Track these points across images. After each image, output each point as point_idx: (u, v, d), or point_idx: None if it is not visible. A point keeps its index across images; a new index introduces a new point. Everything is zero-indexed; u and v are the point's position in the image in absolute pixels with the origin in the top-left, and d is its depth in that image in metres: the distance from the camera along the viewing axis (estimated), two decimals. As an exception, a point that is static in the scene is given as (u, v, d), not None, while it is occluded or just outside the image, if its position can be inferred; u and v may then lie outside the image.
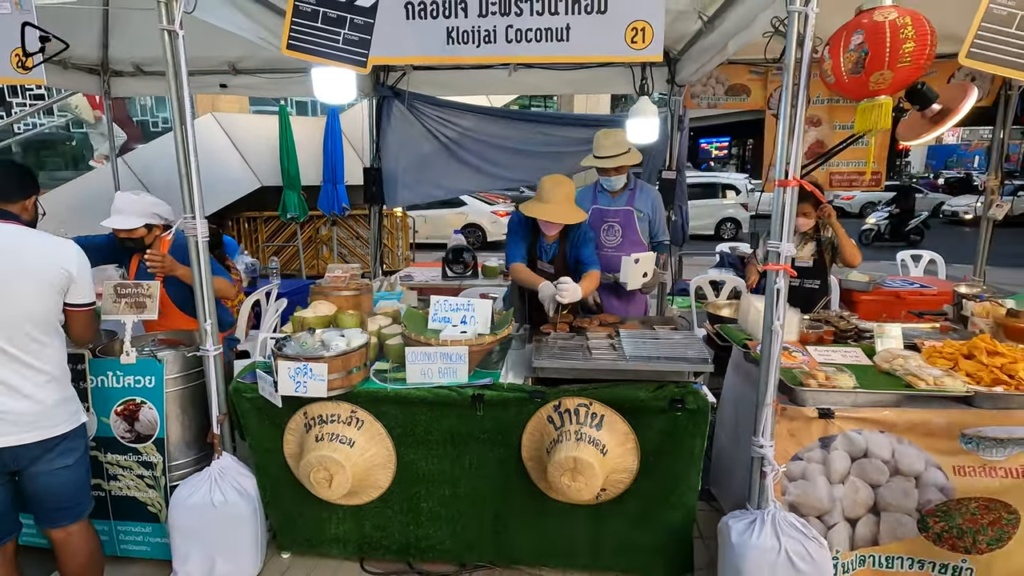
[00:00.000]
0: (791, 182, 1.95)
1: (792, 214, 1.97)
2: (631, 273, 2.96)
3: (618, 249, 3.31)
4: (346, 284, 3.09)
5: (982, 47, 1.80)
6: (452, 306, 2.54)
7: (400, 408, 2.29)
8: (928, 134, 1.87)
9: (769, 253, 2.02)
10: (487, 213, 12.98)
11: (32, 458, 1.86)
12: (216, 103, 11.72)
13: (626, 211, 3.30)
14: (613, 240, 3.33)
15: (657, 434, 2.21)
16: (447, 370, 2.30)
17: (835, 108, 3.85)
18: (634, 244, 3.30)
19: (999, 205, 3.91)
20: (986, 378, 2.11)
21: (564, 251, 3.04)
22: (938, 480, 2.09)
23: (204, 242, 2.28)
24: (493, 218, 12.95)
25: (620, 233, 3.32)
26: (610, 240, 3.34)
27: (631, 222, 3.30)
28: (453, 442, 2.32)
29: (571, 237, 3.02)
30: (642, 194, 3.34)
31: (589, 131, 4.48)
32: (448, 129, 4.52)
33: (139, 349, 2.42)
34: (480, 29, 1.96)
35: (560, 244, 3.05)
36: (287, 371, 2.17)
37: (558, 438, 2.15)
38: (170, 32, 2.10)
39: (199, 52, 4.12)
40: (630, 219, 3.30)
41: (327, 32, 2.00)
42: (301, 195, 6.75)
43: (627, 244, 3.30)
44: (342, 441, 2.25)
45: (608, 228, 3.34)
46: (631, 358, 2.19)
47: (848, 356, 2.41)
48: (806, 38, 1.85)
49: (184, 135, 2.17)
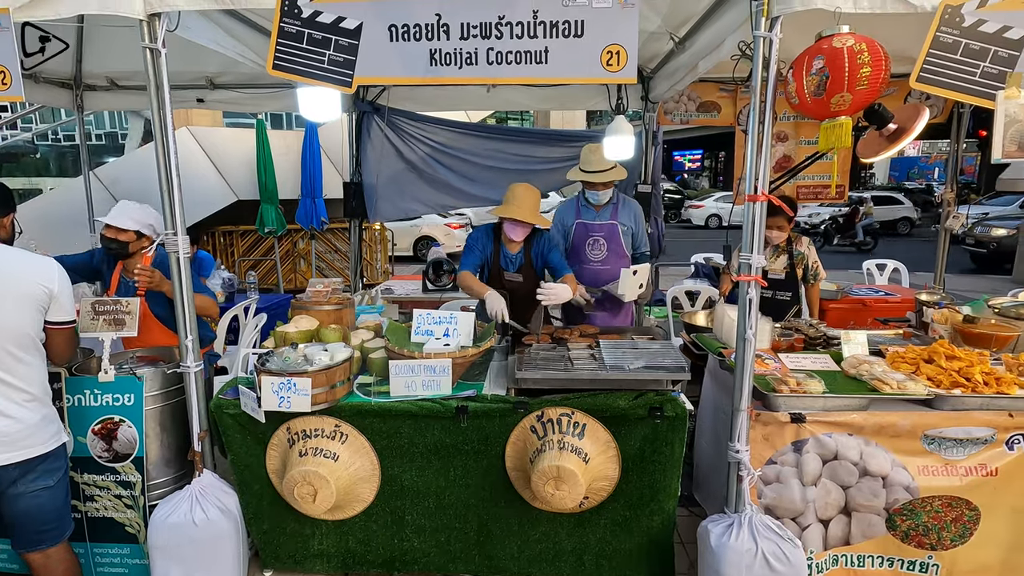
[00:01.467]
0: (760, 197, 2.04)
1: (762, 227, 2.06)
2: (628, 284, 3.00)
3: (604, 263, 3.37)
4: (327, 298, 3.11)
5: (931, 71, 1.93)
6: (435, 319, 2.58)
7: (384, 421, 2.31)
8: (885, 152, 1.99)
9: (741, 264, 2.11)
10: (440, 225, 13.14)
11: (12, 479, 1.83)
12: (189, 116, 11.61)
13: (611, 225, 3.36)
14: (598, 254, 3.38)
15: (638, 442, 2.26)
16: (431, 383, 2.33)
17: (801, 124, 4.03)
18: (619, 257, 3.37)
19: (955, 216, 4.11)
20: (945, 381, 2.22)
21: (530, 260, 3.10)
22: (904, 480, 2.19)
23: (186, 258, 2.28)
24: (447, 230, 13.11)
25: (605, 247, 3.37)
26: (595, 254, 3.39)
27: (616, 236, 3.36)
28: (437, 454, 2.34)
29: (536, 245, 3.09)
30: (625, 208, 3.41)
31: (569, 147, 4.60)
32: (427, 144, 4.58)
33: (118, 367, 2.39)
34: (462, 51, 2.02)
35: (525, 254, 3.11)
36: (270, 386, 2.17)
37: (541, 447, 2.20)
38: (152, 50, 2.12)
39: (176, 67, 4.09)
40: (615, 233, 3.36)
41: (312, 53, 2.04)
42: (279, 209, 6.72)
43: (612, 258, 3.36)
44: (326, 455, 2.26)
45: (593, 243, 3.39)
46: (611, 367, 2.25)
47: (817, 362, 2.51)
48: (771, 61, 1.95)
49: (166, 152, 2.17)
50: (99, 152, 21.27)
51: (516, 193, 2.95)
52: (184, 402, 2.36)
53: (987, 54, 1.89)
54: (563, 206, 3.55)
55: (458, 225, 13.16)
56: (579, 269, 3.37)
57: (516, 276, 3.11)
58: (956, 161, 4.07)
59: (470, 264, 3.03)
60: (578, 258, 3.43)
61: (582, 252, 3.42)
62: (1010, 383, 2.18)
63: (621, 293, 3.02)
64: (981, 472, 2.17)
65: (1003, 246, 10.47)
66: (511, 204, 2.94)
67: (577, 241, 3.43)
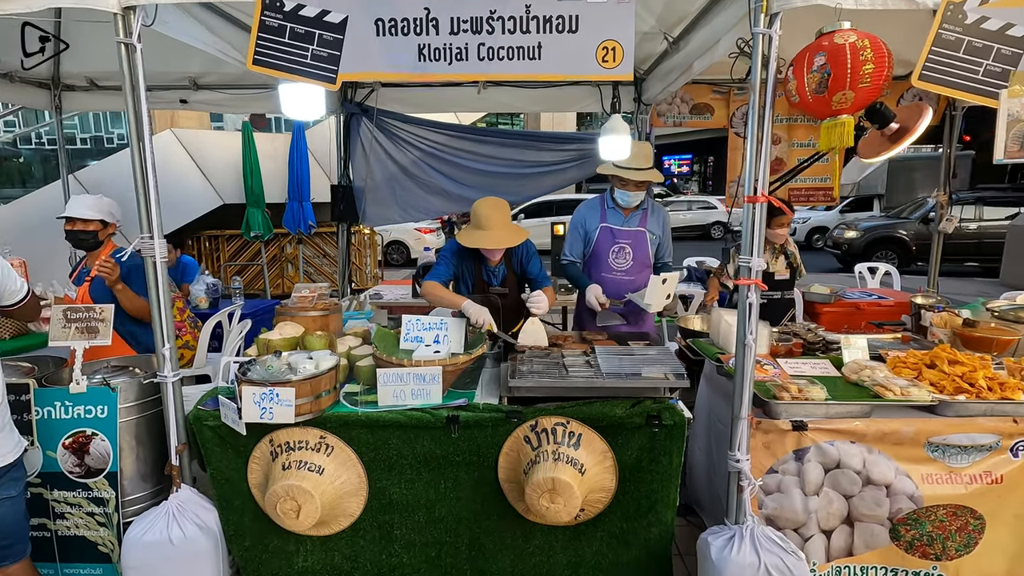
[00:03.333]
0: (760, 198, 1.98)
1: (761, 229, 2.00)
2: (656, 294, 2.77)
3: (628, 273, 3.15)
4: (313, 304, 3.02)
5: (933, 70, 1.89)
6: (424, 325, 2.49)
7: (371, 432, 2.22)
8: (887, 152, 1.94)
9: (740, 267, 2.05)
10: (410, 230, 12.82)
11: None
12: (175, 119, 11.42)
13: (639, 232, 3.13)
14: (623, 263, 3.14)
15: (635, 451, 2.19)
16: (420, 391, 2.24)
17: (794, 127, 4.01)
18: (644, 267, 3.17)
19: (949, 219, 4.10)
20: (949, 387, 2.17)
21: (512, 269, 2.97)
22: (908, 488, 2.13)
23: (163, 263, 2.17)
24: (416, 235, 12.80)
25: (631, 255, 3.12)
26: (619, 263, 3.15)
27: (643, 244, 3.12)
28: (427, 465, 2.25)
29: (516, 255, 2.93)
30: (654, 214, 3.16)
31: (561, 151, 4.53)
32: (417, 147, 4.49)
33: (90, 377, 2.28)
34: (452, 47, 1.95)
35: (507, 265, 2.95)
36: (252, 397, 2.07)
37: (535, 458, 2.11)
38: (127, 45, 2.02)
39: (158, 67, 4.01)
40: (642, 241, 3.12)
41: (295, 48, 1.96)
42: (265, 213, 6.59)
43: (637, 267, 3.15)
44: (310, 469, 2.16)
45: (619, 250, 3.13)
46: (608, 375, 2.18)
47: (817, 368, 2.46)
48: (771, 59, 1.90)
49: (142, 152, 2.07)
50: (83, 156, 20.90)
51: (482, 214, 2.68)
52: (161, 413, 2.25)
53: (990, 52, 1.85)
54: (585, 206, 3.25)
55: (428, 230, 12.73)
56: (600, 278, 3.18)
57: (502, 289, 2.96)
58: (949, 164, 4.06)
59: (440, 276, 2.82)
60: (599, 266, 3.18)
61: (604, 259, 3.15)
62: (1014, 388, 2.14)
63: (648, 303, 2.79)
64: (986, 480, 2.12)
65: (853, 247, 12.01)
66: (483, 232, 2.68)
67: (600, 247, 3.16)
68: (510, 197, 4.88)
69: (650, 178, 3.01)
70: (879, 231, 11.97)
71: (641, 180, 2.99)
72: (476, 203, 2.73)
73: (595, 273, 3.23)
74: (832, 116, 1.84)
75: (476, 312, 2.57)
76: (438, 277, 2.81)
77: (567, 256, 3.31)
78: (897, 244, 11.82)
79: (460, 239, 2.74)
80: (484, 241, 2.68)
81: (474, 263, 2.92)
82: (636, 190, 3.04)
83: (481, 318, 2.55)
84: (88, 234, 2.84)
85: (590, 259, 3.24)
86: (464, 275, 2.95)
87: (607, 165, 3.08)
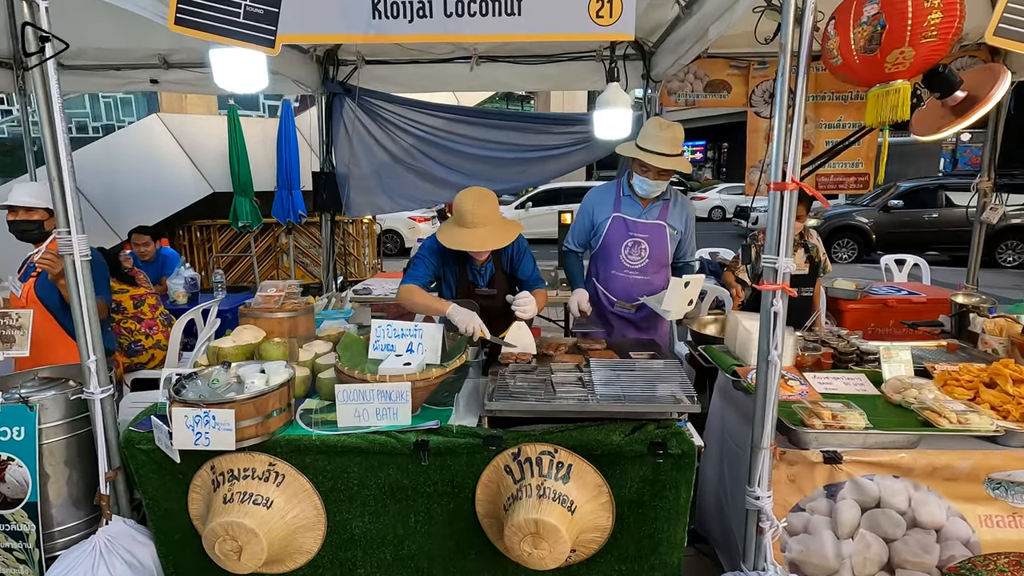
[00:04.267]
0: (790, 184, 1.63)
1: (791, 222, 1.64)
2: (676, 299, 2.36)
3: (642, 272, 2.76)
4: (280, 304, 2.70)
5: (1011, 23, 1.51)
6: (396, 331, 2.17)
7: (329, 459, 1.91)
8: (950, 127, 1.57)
9: (764, 268, 1.70)
10: (404, 219, 12.29)
11: None
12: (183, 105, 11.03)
13: (657, 226, 2.71)
14: (637, 260, 2.75)
15: (635, 484, 1.86)
16: (386, 411, 1.93)
17: (821, 106, 3.59)
18: (661, 267, 2.78)
19: (993, 208, 3.68)
20: (1014, 412, 1.82)
21: (501, 267, 2.61)
22: (962, 532, 1.79)
23: (84, 261, 1.87)
24: (410, 223, 12.28)
25: (647, 252, 2.72)
26: (632, 260, 2.75)
27: (662, 240, 2.72)
28: (394, 497, 1.95)
29: (506, 253, 2.58)
30: (677, 206, 2.74)
31: (567, 133, 4.15)
32: (404, 131, 4.13)
33: (5, 392, 1.99)
34: (412, 2, 1.60)
35: (496, 263, 2.59)
36: (184, 420, 1.77)
37: (517, 493, 1.79)
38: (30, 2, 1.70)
39: (123, 43, 3.68)
40: (660, 236, 2.72)
41: (225, 4, 1.62)
42: (254, 202, 6.28)
43: (652, 267, 2.76)
44: (256, 502, 1.85)
45: (633, 245, 2.73)
46: (603, 397, 1.84)
47: (851, 384, 2.10)
48: (805, 12, 1.53)
49: (51, 120, 1.75)
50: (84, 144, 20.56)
51: (465, 209, 2.30)
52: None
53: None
54: (598, 191, 2.84)
55: (423, 219, 12.18)
56: (608, 276, 2.81)
57: (491, 291, 2.60)
58: (994, 147, 3.63)
59: (418, 278, 2.47)
60: (608, 261, 2.80)
61: (615, 255, 2.76)
62: (1095, 414, 1.78)
63: (665, 310, 2.39)
64: (1058, 524, 1.77)
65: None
66: (466, 230, 2.31)
67: (611, 240, 2.76)
68: (511, 184, 4.54)
69: (677, 167, 2.56)
70: (836, 219, 11.58)
71: (666, 168, 2.55)
72: (459, 196, 2.36)
73: (603, 269, 2.86)
74: (883, 82, 1.47)
75: (464, 319, 2.23)
76: (416, 279, 2.46)
77: (568, 244, 2.96)
78: (856, 232, 11.47)
79: (441, 238, 2.38)
80: (469, 241, 2.32)
81: (457, 263, 2.57)
82: (658, 179, 2.62)
83: (471, 326, 2.21)
84: (32, 224, 2.59)
85: (598, 253, 2.86)
86: (446, 276, 2.62)
87: (629, 145, 2.66)
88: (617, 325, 2.90)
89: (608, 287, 2.86)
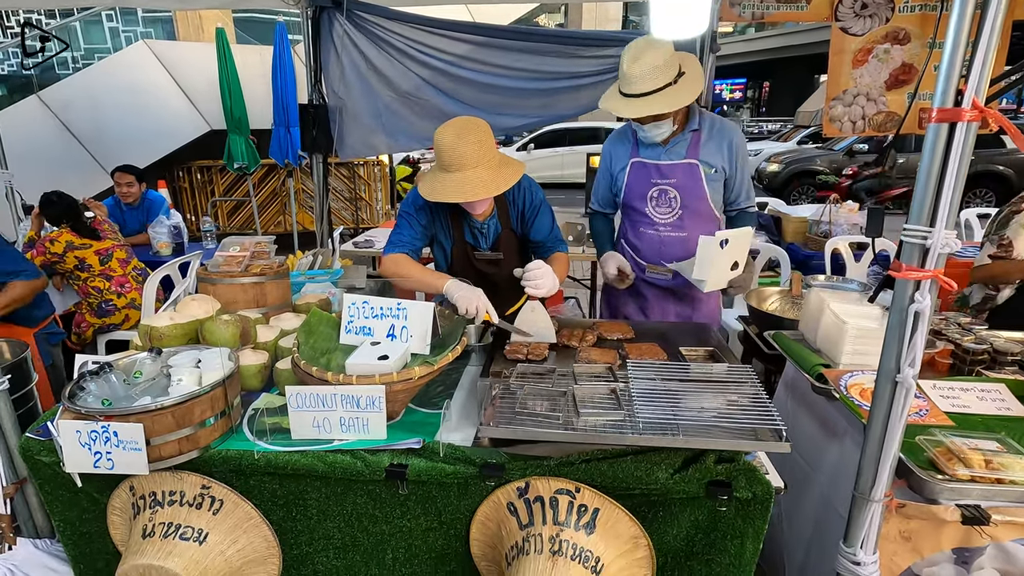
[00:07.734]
0: (966, 113, 1.01)
1: (964, 169, 1.04)
2: (713, 264, 1.86)
3: (676, 227, 2.18)
4: (244, 268, 2.22)
5: None
6: (375, 311, 1.68)
7: (280, 482, 1.46)
8: None
9: (904, 245, 1.12)
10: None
11: None
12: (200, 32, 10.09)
13: (687, 166, 2.11)
14: (667, 213, 2.17)
15: (684, 530, 1.37)
16: (354, 421, 1.46)
17: (929, 18, 2.79)
18: (701, 219, 2.17)
19: None
20: None
21: (510, 226, 2.06)
22: None
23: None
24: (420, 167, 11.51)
25: (678, 202, 2.15)
26: (661, 213, 2.17)
27: (696, 182, 2.11)
28: (366, 531, 1.50)
29: (515, 204, 2.03)
30: (713, 136, 2.10)
31: (600, 57, 3.45)
32: (410, 56, 3.46)
33: None
34: None
35: (501, 218, 2.04)
36: (76, 437, 1.32)
37: (523, 545, 1.32)
38: None
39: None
40: (694, 178, 2.11)
41: None
42: (250, 140, 5.71)
43: (690, 218, 2.16)
44: (185, 536, 1.43)
45: (659, 194, 2.15)
46: (645, 425, 1.32)
47: (986, 397, 1.54)
48: None
49: None
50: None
51: (445, 146, 1.75)
52: None
53: None
54: (613, 137, 2.32)
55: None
56: (637, 236, 2.26)
57: (495, 254, 2.07)
58: None
59: (404, 244, 1.96)
60: (634, 218, 2.26)
61: (641, 208, 2.21)
62: None
63: (699, 279, 1.90)
64: None
65: (774, 182, 11.33)
66: (449, 175, 1.77)
67: (633, 191, 2.21)
68: (535, 119, 3.87)
69: (665, 108, 1.90)
70: (796, 165, 11.24)
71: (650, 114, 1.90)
72: (438, 131, 1.77)
73: (631, 229, 2.29)
74: None
75: (465, 297, 1.73)
76: (402, 246, 1.95)
77: (593, 204, 2.39)
78: (815, 177, 10.93)
79: (421, 189, 1.84)
80: (453, 191, 1.75)
81: (451, 219, 2.03)
82: (656, 123, 2.01)
83: (472, 305, 1.72)
84: None
85: (623, 210, 2.29)
86: (438, 236, 2.08)
87: (610, 95, 2.04)
88: (651, 297, 2.35)
89: (637, 249, 2.29)
